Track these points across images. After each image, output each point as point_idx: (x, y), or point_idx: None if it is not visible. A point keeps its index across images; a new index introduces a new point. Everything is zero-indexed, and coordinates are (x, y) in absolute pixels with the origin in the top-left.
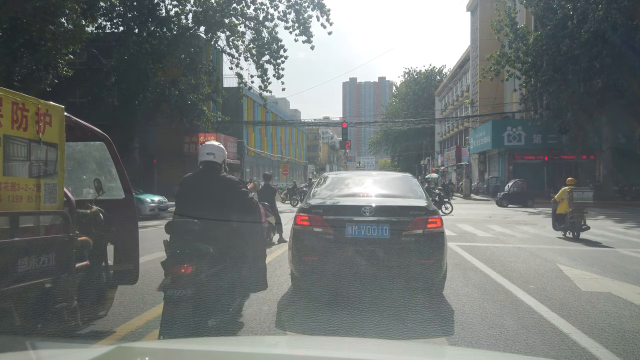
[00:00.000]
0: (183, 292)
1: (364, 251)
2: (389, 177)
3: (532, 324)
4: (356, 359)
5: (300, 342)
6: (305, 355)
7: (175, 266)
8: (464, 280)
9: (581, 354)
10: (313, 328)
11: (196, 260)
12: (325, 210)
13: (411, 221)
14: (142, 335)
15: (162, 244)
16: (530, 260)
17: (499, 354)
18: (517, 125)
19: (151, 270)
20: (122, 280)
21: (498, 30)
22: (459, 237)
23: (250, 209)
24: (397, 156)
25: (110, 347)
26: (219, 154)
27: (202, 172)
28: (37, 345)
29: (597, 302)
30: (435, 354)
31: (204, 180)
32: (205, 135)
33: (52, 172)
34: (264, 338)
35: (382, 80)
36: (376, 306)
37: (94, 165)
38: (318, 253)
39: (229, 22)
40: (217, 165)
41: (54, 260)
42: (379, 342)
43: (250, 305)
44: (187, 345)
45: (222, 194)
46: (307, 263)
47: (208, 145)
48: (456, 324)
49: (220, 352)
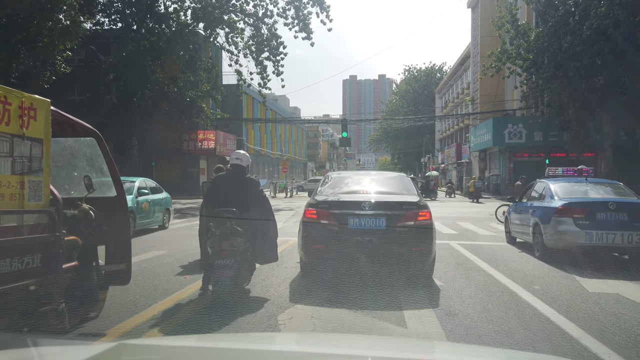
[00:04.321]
0: (226, 262)
1: (364, 240)
2: (385, 176)
3: (539, 328)
4: (355, 355)
5: (300, 339)
6: (304, 351)
7: (220, 243)
8: (467, 280)
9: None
10: (318, 302)
11: (234, 239)
12: (330, 205)
13: (404, 214)
14: (135, 337)
15: (158, 242)
16: (534, 260)
17: (497, 350)
18: (518, 122)
19: (146, 270)
20: (114, 280)
21: (499, 27)
22: (460, 236)
23: (265, 202)
24: (397, 154)
25: (111, 344)
26: (244, 160)
27: (231, 173)
28: (38, 342)
29: (605, 304)
30: (433, 350)
31: (233, 179)
32: (205, 132)
33: (36, 168)
34: (263, 335)
35: (382, 78)
36: (374, 286)
37: (84, 162)
38: (324, 242)
39: (228, 18)
40: (243, 168)
41: (39, 261)
42: (378, 338)
43: (271, 284)
44: (188, 342)
45: (246, 190)
46: (314, 250)
47: (237, 152)
48: (460, 327)
49: (221, 349)
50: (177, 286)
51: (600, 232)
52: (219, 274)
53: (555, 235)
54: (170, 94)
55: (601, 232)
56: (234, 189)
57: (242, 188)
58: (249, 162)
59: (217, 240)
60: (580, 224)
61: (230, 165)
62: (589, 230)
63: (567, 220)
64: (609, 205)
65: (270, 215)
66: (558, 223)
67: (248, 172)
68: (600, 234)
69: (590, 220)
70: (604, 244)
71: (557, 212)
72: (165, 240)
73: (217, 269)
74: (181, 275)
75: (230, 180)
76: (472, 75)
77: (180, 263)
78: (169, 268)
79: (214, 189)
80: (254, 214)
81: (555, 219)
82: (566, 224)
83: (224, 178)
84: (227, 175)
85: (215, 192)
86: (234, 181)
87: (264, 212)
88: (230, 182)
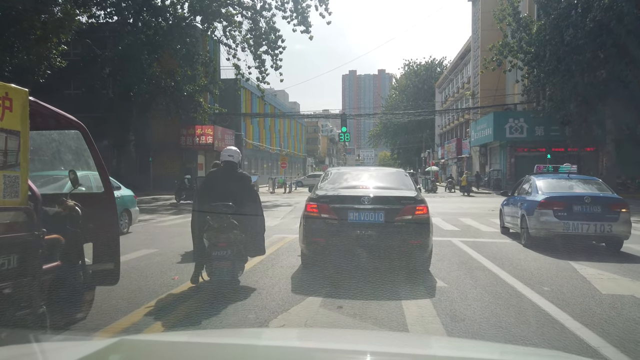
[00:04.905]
0: (223, 253)
1: (363, 234)
2: (384, 172)
3: (554, 336)
4: (355, 350)
5: (300, 334)
6: (304, 347)
7: (218, 235)
8: (473, 281)
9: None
10: (320, 293)
11: (230, 231)
12: (330, 199)
13: (402, 209)
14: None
15: (149, 240)
16: (541, 258)
17: (496, 345)
18: (519, 117)
19: (133, 270)
20: (101, 280)
21: (500, 19)
22: (462, 232)
23: (254, 197)
24: (396, 149)
25: (113, 340)
26: (236, 156)
27: (224, 169)
28: (40, 338)
29: (622, 307)
30: (433, 345)
31: (225, 175)
32: (203, 127)
33: (12, 163)
34: (263, 330)
35: (381, 73)
36: (373, 277)
37: (69, 156)
38: (325, 235)
39: (226, 11)
40: (235, 164)
41: (16, 262)
42: (378, 333)
43: (274, 274)
44: (189, 337)
45: (237, 185)
46: (315, 243)
47: (228, 149)
48: (468, 334)
49: (222, 344)
50: (165, 288)
51: (576, 223)
52: (217, 264)
53: (538, 225)
54: (167, 89)
55: (577, 222)
56: (227, 184)
57: (235, 183)
58: (240, 158)
59: (215, 233)
60: (559, 215)
61: (222, 161)
62: (567, 221)
63: (548, 212)
64: (584, 199)
65: (259, 211)
66: (540, 214)
67: (240, 168)
68: (576, 224)
69: (567, 212)
70: (580, 233)
71: (539, 205)
72: (157, 237)
73: (214, 260)
74: (170, 276)
75: (223, 176)
76: (473, 69)
77: (170, 262)
78: (157, 268)
79: (207, 184)
80: (246, 208)
81: (537, 211)
82: (547, 215)
83: (217, 174)
84: (220, 171)
85: (209, 187)
86: (227, 176)
87: (254, 207)
88: (224, 178)
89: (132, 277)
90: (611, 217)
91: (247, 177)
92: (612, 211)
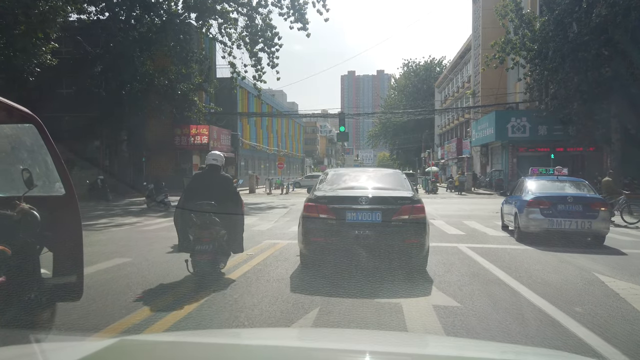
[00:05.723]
0: (205, 247)
1: (361, 233)
2: (381, 172)
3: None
4: (354, 349)
5: (300, 334)
6: (304, 347)
7: (201, 231)
8: (490, 300)
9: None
10: (319, 292)
11: (212, 228)
12: (329, 200)
13: (399, 209)
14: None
15: (123, 248)
16: (562, 269)
17: (497, 345)
18: (522, 116)
19: (105, 282)
20: (62, 296)
21: (502, 15)
22: (469, 237)
23: (236, 197)
24: (396, 149)
25: (113, 340)
26: (219, 160)
27: (208, 171)
28: (40, 338)
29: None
30: (433, 344)
31: (210, 177)
32: (198, 127)
33: None
34: (263, 330)
35: (380, 73)
36: (373, 279)
37: (24, 154)
38: (323, 235)
39: (221, 8)
40: (218, 167)
41: None
42: (377, 333)
43: (276, 273)
44: (190, 337)
45: (220, 187)
46: (314, 243)
47: (213, 153)
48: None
49: (223, 345)
50: (125, 310)
51: (560, 220)
52: (199, 257)
53: (527, 222)
54: (160, 87)
55: (561, 219)
56: (211, 185)
57: (218, 184)
58: (223, 161)
59: (198, 229)
60: (545, 213)
61: (206, 165)
62: (552, 218)
63: (536, 210)
64: (567, 198)
65: (239, 210)
66: (529, 212)
67: (223, 171)
68: (559, 221)
69: (553, 210)
70: (564, 229)
71: (528, 204)
72: (135, 244)
73: (197, 254)
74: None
75: (208, 178)
76: (473, 68)
77: (141, 275)
78: (125, 281)
79: (193, 184)
80: (228, 207)
81: (527, 209)
82: (535, 213)
83: (202, 175)
84: (205, 174)
85: (195, 187)
86: (211, 178)
87: (235, 207)
88: (208, 179)
89: (105, 289)
90: (591, 214)
91: (229, 179)
92: (592, 210)
